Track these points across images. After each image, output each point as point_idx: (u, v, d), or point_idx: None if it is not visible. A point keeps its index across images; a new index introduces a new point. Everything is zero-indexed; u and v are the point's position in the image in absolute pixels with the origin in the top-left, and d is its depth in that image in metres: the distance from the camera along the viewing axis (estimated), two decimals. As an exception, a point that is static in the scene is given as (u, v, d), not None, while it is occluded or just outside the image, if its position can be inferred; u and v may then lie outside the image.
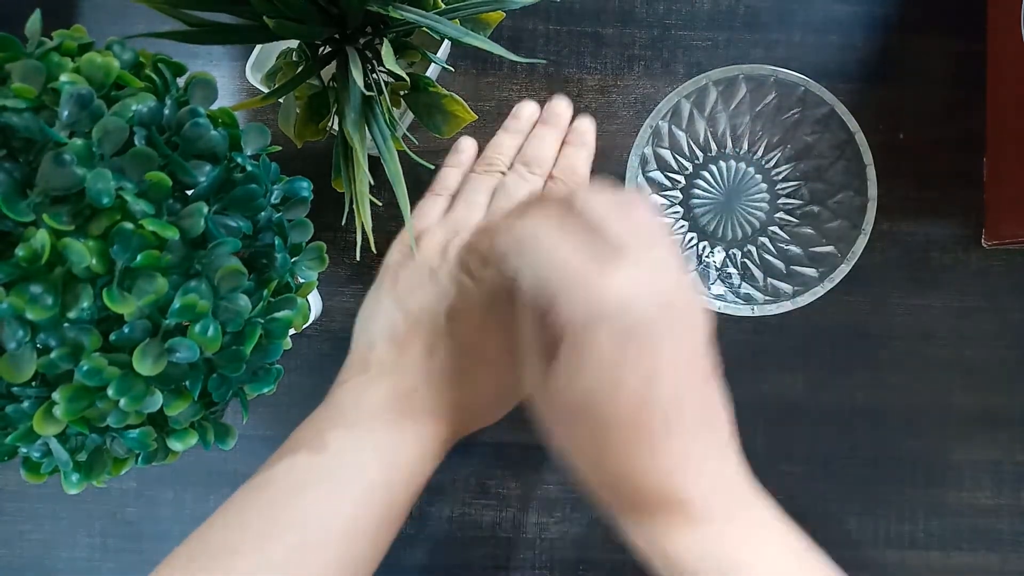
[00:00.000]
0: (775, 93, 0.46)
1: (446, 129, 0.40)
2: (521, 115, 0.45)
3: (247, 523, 0.32)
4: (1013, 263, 0.49)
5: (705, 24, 0.50)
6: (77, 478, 0.31)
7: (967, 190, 0.50)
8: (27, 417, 0.28)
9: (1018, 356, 0.49)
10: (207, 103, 0.31)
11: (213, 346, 0.29)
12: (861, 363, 0.49)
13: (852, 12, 0.50)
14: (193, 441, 0.32)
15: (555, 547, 0.49)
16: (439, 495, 0.49)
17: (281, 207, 0.34)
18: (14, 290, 0.26)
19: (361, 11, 0.35)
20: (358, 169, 0.36)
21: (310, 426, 0.36)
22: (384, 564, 0.35)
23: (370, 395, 0.36)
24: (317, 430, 0.35)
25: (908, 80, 0.50)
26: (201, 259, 0.29)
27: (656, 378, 0.28)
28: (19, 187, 0.26)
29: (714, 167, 0.49)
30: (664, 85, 0.50)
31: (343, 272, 0.50)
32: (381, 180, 0.47)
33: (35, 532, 0.49)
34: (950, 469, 0.49)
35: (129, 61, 0.31)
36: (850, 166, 0.44)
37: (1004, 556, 0.49)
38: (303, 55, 0.39)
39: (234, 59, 0.50)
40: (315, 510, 0.32)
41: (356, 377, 0.37)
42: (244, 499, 0.33)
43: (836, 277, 0.43)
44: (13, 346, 0.27)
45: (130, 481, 0.49)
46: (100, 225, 0.27)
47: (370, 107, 0.37)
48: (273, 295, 0.32)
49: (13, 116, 0.26)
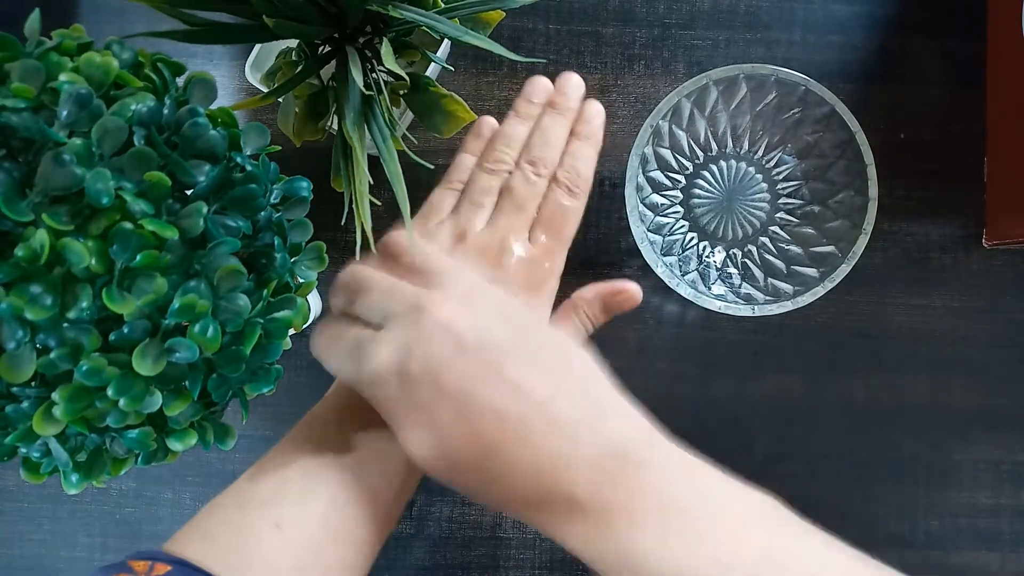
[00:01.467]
0: (776, 92, 0.46)
1: (446, 129, 0.40)
2: (533, 96, 0.43)
3: (289, 478, 0.33)
4: (1013, 263, 0.49)
5: (705, 23, 0.50)
6: (77, 478, 0.31)
7: (967, 190, 0.49)
8: (27, 417, 0.28)
9: (1018, 356, 0.49)
10: (206, 103, 0.31)
11: (213, 346, 0.29)
12: (861, 363, 0.49)
13: (852, 12, 0.50)
14: (193, 441, 0.32)
15: (555, 547, 0.49)
16: (439, 495, 0.49)
17: (281, 207, 0.34)
18: (14, 290, 0.26)
19: (360, 10, 0.35)
20: (358, 169, 0.36)
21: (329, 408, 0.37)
22: (384, 564, 0.35)
23: None
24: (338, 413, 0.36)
25: (908, 80, 0.50)
26: (200, 259, 0.29)
27: (459, 405, 0.29)
28: (18, 187, 0.26)
29: (714, 167, 0.49)
30: (664, 84, 0.50)
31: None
32: (381, 180, 0.46)
33: (35, 532, 0.49)
34: (950, 469, 0.49)
35: (128, 61, 0.31)
36: (851, 166, 0.44)
37: (1004, 556, 0.49)
38: (302, 54, 0.39)
39: (234, 59, 0.50)
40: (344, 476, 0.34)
41: None
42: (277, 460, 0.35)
43: (836, 277, 0.43)
44: (13, 346, 0.27)
45: (130, 481, 0.49)
46: (99, 225, 0.27)
47: (370, 107, 0.37)
48: (273, 295, 0.32)
49: (12, 116, 0.26)
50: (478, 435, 0.29)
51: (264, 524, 0.32)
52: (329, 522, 0.33)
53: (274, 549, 0.32)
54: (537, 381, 0.30)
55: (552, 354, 0.31)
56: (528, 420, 0.29)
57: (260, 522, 0.32)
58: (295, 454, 0.35)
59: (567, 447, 0.29)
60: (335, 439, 0.35)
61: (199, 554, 0.31)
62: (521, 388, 0.29)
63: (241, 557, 0.31)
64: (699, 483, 0.30)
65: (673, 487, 0.29)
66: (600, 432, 0.29)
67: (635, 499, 0.28)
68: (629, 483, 0.29)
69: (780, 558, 0.28)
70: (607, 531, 0.28)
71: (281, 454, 0.35)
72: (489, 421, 0.29)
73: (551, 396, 0.30)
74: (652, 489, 0.29)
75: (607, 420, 0.30)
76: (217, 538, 0.32)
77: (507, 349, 0.30)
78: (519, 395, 0.29)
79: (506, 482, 0.29)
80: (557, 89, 0.43)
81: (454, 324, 0.30)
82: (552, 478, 0.29)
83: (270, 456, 0.36)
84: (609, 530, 0.28)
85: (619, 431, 0.30)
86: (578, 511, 0.29)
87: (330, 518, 0.33)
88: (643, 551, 0.27)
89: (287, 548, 0.32)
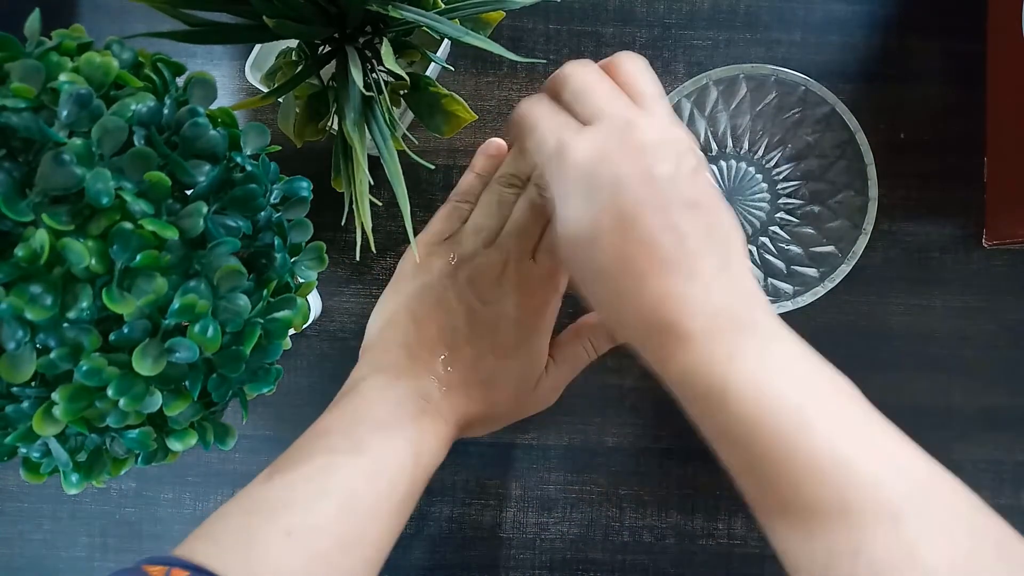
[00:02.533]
0: (776, 92, 0.46)
1: (446, 129, 0.40)
2: None
3: (295, 485, 0.34)
4: (1014, 263, 0.49)
5: (705, 23, 0.50)
6: (77, 478, 0.31)
7: (967, 190, 0.49)
8: (27, 417, 0.28)
9: (1018, 356, 0.49)
10: (206, 103, 0.31)
11: (213, 346, 0.29)
12: (861, 363, 0.49)
13: (852, 12, 0.50)
14: (193, 441, 0.32)
15: (555, 547, 0.49)
16: (439, 495, 0.49)
17: (281, 207, 0.34)
18: (14, 290, 0.26)
19: (361, 10, 0.35)
20: (358, 169, 0.36)
21: (340, 412, 0.38)
22: (384, 564, 0.35)
23: (391, 393, 0.38)
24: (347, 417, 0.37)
25: (908, 80, 0.50)
26: (200, 259, 0.29)
27: (626, 223, 0.31)
28: (18, 187, 0.26)
29: (715, 167, 0.49)
30: (664, 84, 0.50)
31: (343, 272, 0.50)
32: (381, 180, 0.47)
33: (35, 532, 0.49)
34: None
35: (128, 61, 0.31)
36: (851, 166, 0.44)
37: (1004, 556, 0.49)
38: (302, 54, 0.39)
39: (234, 59, 0.50)
40: (353, 483, 0.35)
41: (375, 375, 0.39)
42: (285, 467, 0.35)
43: (836, 277, 0.43)
44: (13, 346, 0.27)
45: (130, 481, 0.49)
46: (99, 225, 0.27)
47: (370, 107, 0.37)
48: (273, 295, 0.32)
49: (12, 116, 0.26)
50: (625, 256, 0.31)
51: (274, 532, 0.33)
52: (338, 530, 0.33)
53: (284, 558, 0.32)
54: (695, 232, 0.32)
55: (712, 210, 0.33)
56: (674, 261, 0.31)
57: (270, 529, 0.33)
58: (305, 461, 0.35)
59: (700, 294, 0.31)
60: (343, 446, 0.36)
61: (211, 559, 0.31)
62: (681, 233, 0.31)
63: (251, 564, 0.31)
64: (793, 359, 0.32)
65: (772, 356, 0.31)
66: (727, 290, 0.32)
67: (739, 343, 0.31)
68: (737, 333, 0.31)
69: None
70: (708, 363, 0.31)
71: (291, 461, 0.36)
72: (642, 248, 0.31)
73: (700, 251, 0.31)
74: (755, 343, 0.31)
75: (736, 282, 0.32)
76: (228, 543, 0.32)
77: (683, 194, 0.32)
78: (677, 238, 0.31)
79: (631, 301, 0.32)
80: None
81: (653, 152, 0.32)
82: (673, 312, 0.31)
83: (280, 462, 0.36)
84: (710, 363, 0.30)
85: (743, 291, 0.32)
86: (686, 342, 0.31)
87: (339, 526, 0.33)
88: (734, 368, 0.30)
89: (296, 557, 0.32)
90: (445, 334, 0.40)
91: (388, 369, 0.39)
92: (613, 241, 0.31)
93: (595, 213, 0.32)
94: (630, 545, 0.49)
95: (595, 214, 0.32)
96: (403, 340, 0.40)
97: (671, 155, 0.32)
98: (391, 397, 0.38)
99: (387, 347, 0.40)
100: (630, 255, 0.31)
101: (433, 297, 0.41)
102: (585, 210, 0.32)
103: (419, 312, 0.40)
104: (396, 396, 0.38)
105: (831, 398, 0.30)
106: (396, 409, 0.37)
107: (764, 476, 0.29)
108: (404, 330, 0.40)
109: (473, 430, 0.40)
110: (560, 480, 0.49)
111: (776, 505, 0.29)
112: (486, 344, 0.39)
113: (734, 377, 0.30)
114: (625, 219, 0.31)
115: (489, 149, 0.45)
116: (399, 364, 0.39)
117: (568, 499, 0.49)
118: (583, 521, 0.49)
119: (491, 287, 0.40)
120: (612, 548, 0.49)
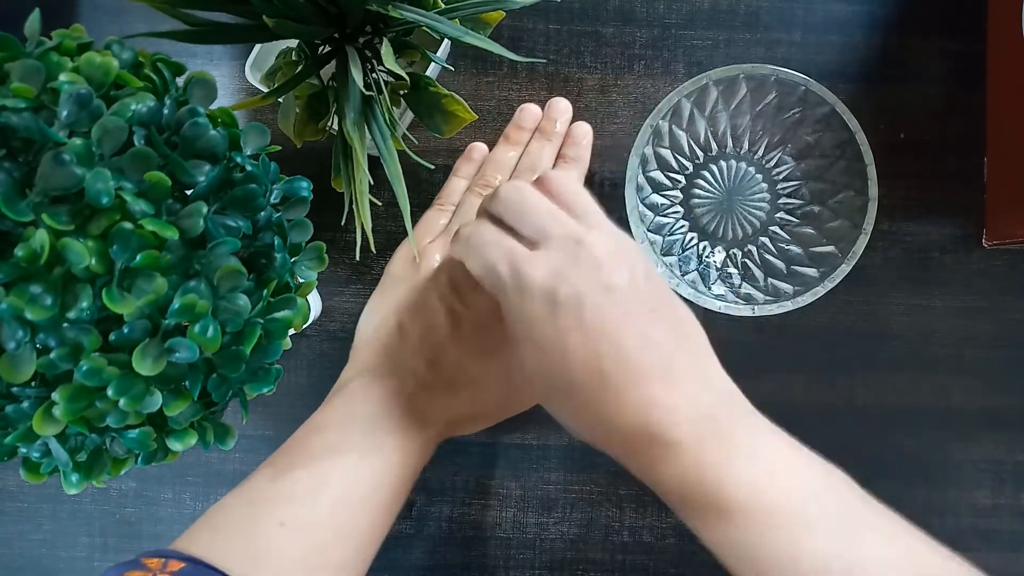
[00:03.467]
0: (776, 92, 0.46)
1: (446, 129, 0.40)
2: (523, 123, 0.47)
3: (296, 479, 0.35)
4: (1014, 263, 0.49)
5: (705, 23, 0.50)
6: (77, 478, 0.31)
7: (967, 190, 0.49)
8: (27, 417, 0.28)
9: (1018, 356, 0.49)
10: (206, 103, 0.31)
11: (213, 346, 0.29)
12: (861, 363, 0.49)
13: (852, 12, 0.50)
14: (193, 441, 0.32)
15: (555, 547, 0.49)
16: (439, 495, 0.49)
17: (281, 207, 0.34)
18: (14, 290, 0.26)
19: (361, 10, 0.35)
20: (358, 169, 0.36)
21: (331, 410, 0.39)
22: (384, 564, 0.36)
23: (378, 393, 0.39)
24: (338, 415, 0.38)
25: (908, 80, 0.50)
26: (200, 259, 0.29)
27: (594, 338, 0.31)
28: (18, 187, 0.26)
29: (714, 167, 0.49)
30: (664, 84, 0.50)
31: (343, 272, 0.50)
32: (381, 180, 0.47)
33: (35, 532, 0.49)
34: (950, 469, 0.49)
35: (128, 61, 0.31)
36: (851, 166, 0.44)
37: (1004, 556, 0.49)
38: (303, 54, 0.39)
39: (234, 59, 0.50)
40: (347, 478, 0.35)
41: (363, 376, 0.40)
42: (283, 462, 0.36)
43: (836, 277, 0.43)
44: (13, 346, 0.27)
45: (130, 481, 0.49)
46: (99, 225, 0.27)
47: (370, 107, 0.37)
48: (273, 295, 0.32)
49: (12, 116, 0.26)
50: (602, 373, 0.31)
51: (272, 523, 0.34)
52: (334, 521, 0.34)
53: (282, 548, 0.33)
54: (663, 336, 0.32)
55: (673, 311, 0.34)
56: (649, 369, 0.31)
57: (269, 520, 0.34)
58: (302, 456, 0.36)
59: (681, 401, 0.31)
60: (337, 442, 0.37)
61: (209, 551, 0.32)
62: (650, 340, 0.32)
63: (250, 556, 0.32)
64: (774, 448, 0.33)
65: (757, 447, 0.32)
66: (706, 391, 0.32)
67: (727, 447, 0.31)
68: (724, 436, 0.31)
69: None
70: (699, 470, 0.31)
71: (288, 455, 0.37)
72: (615, 362, 0.31)
73: (672, 353, 0.32)
74: (744, 444, 0.31)
75: (711, 381, 0.33)
76: (227, 536, 0.33)
77: (644, 300, 0.32)
78: (647, 345, 0.31)
79: (610, 414, 0.31)
80: (545, 115, 0.46)
81: (607, 265, 0.32)
82: (658, 422, 0.31)
83: (277, 457, 0.37)
84: (702, 470, 0.31)
85: (720, 390, 0.33)
86: (675, 450, 0.31)
87: (335, 517, 0.35)
88: (729, 473, 0.30)
89: (294, 547, 0.33)
90: (429, 336, 0.40)
91: (375, 370, 0.40)
92: (585, 358, 0.31)
93: (561, 334, 0.32)
94: (630, 545, 0.49)
95: (561, 335, 0.32)
96: (389, 341, 0.41)
97: (624, 265, 0.33)
98: (378, 397, 0.39)
99: (374, 348, 0.41)
100: (606, 370, 0.31)
101: (417, 300, 0.41)
102: (552, 332, 0.32)
103: (404, 314, 0.41)
104: (383, 396, 0.39)
105: (828, 495, 0.31)
106: (383, 409, 0.38)
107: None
108: (390, 332, 0.41)
109: (461, 428, 0.41)
110: (560, 480, 0.49)
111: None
112: (469, 345, 0.40)
113: (729, 481, 0.30)
114: (592, 335, 0.31)
115: (472, 153, 0.46)
116: (385, 365, 0.40)
117: (568, 499, 0.49)
118: (583, 521, 0.49)
119: (472, 290, 0.40)
120: (612, 548, 0.49)
